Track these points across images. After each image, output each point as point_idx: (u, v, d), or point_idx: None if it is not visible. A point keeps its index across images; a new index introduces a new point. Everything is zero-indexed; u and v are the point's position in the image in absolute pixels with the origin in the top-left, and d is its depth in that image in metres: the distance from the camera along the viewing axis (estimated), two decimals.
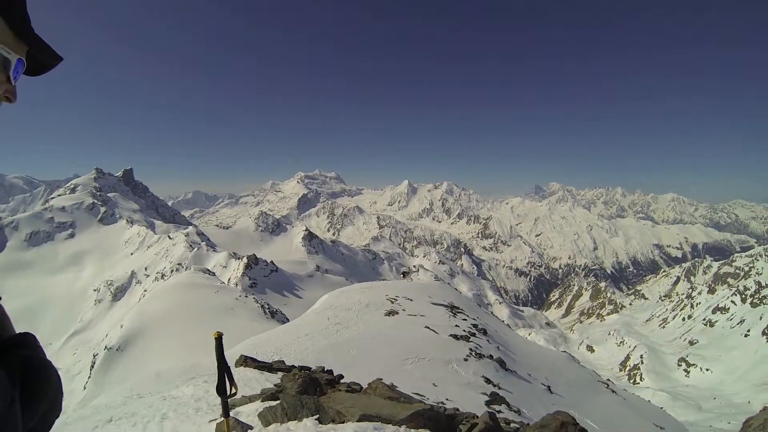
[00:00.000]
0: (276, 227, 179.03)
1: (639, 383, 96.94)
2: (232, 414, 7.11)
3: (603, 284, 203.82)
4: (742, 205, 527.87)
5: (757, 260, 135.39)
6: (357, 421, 5.91)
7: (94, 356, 51.25)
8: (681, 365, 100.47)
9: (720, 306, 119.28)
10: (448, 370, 17.40)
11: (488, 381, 17.08)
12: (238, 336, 26.22)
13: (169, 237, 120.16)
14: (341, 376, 11.47)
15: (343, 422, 6.00)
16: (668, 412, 32.16)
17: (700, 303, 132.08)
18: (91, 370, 47.10)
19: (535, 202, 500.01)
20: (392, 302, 28.70)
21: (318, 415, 6.16)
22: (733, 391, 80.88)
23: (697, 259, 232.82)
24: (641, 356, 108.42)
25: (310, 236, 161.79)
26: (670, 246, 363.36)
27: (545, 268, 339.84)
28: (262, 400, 8.21)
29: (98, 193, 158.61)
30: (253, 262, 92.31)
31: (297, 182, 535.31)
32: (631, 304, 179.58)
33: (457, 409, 9.25)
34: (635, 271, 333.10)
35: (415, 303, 29.55)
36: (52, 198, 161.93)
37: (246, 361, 13.31)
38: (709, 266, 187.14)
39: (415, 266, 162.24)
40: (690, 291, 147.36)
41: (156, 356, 39.30)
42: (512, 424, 9.43)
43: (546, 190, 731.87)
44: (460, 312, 29.58)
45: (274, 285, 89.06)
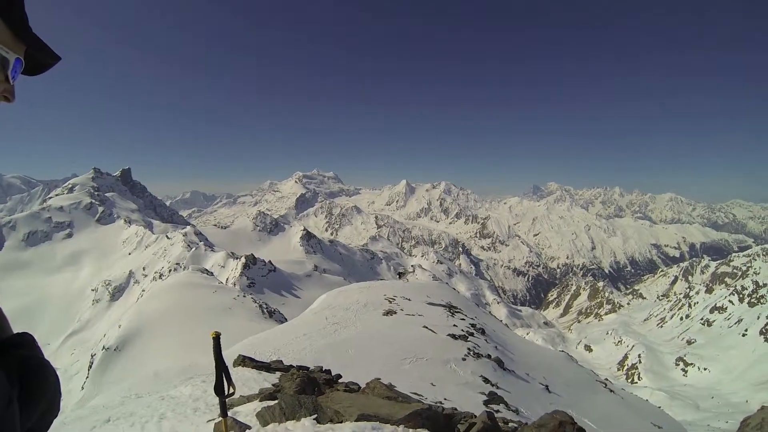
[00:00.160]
0: (274, 227, 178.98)
1: (637, 383, 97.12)
2: (230, 414, 7.10)
3: (601, 284, 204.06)
4: (739, 205, 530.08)
5: (755, 260, 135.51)
6: (355, 421, 5.91)
7: (92, 356, 51.21)
8: (679, 365, 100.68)
9: (718, 305, 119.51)
10: (446, 369, 17.41)
11: (486, 380, 17.09)
12: (236, 336, 26.21)
13: (167, 237, 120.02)
14: (339, 376, 11.47)
15: (341, 422, 6.00)
16: (666, 412, 32.20)
17: (697, 302, 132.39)
18: (89, 370, 47.09)
19: (533, 201, 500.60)
20: (390, 302, 28.71)
21: (316, 414, 6.16)
22: (731, 391, 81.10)
23: (694, 258, 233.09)
24: (639, 356, 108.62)
25: (308, 236, 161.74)
26: (667, 246, 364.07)
27: (543, 268, 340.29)
28: (260, 400, 8.21)
29: (96, 193, 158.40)
30: (251, 261, 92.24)
31: (295, 182, 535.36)
32: (629, 303, 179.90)
33: (456, 409, 9.26)
34: (633, 270, 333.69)
35: (413, 303, 29.56)
36: (50, 198, 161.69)
37: (244, 360, 13.30)
38: (706, 266, 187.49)
39: (412, 266, 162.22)
40: (688, 290, 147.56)
41: (154, 356, 39.28)
42: (510, 424, 9.44)
43: (544, 190, 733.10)
44: (458, 312, 29.60)
45: (272, 285, 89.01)
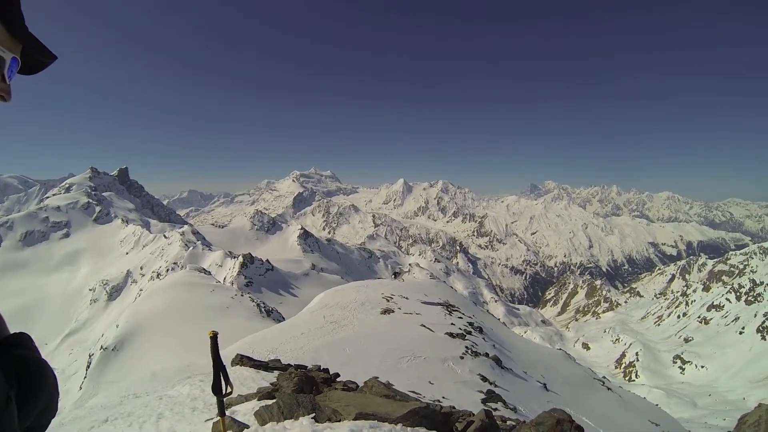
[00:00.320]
0: (271, 226, 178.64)
1: (634, 380, 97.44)
2: (228, 413, 7.10)
3: (598, 282, 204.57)
4: (736, 204, 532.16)
5: (752, 258, 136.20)
6: (353, 420, 5.91)
7: (90, 356, 51.12)
8: (676, 362, 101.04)
9: (715, 303, 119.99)
10: (444, 368, 17.43)
11: (484, 379, 17.12)
12: (234, 335, 26.19)
13: (164, 236, 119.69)
14: (337, 375, 11.46)
15: (339, 421, 6.00)
16: (663, 409, 32.32)
17: (695, 300, 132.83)
18: (87, 370, 47.02)
19: (531, 200, 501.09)
20: (388, 301, 28.71)
21: (314, 413, 6.16)
22: (728, 388, 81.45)
23: (692, 257, 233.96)
24: (637, 353, 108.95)
25: (305, 235, 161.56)
26: (665, 244, 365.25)
27: (541, 266, 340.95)
28: (259, 399, 8.21)
29: (93, 193, 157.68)
30: (249, 260, 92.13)
31: (292, 181, 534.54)
32: (626, 301, 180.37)
33: (453, 407, 9.27)
34: (630, 269, 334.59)
35: (411, 301, 29.59)
36: (47, 197, 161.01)
37: (242, 359, 13.30)
38: (704, 264, 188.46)
39: (410, 264, 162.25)
40: (685, 289, 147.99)
41: (152, 356, 39.20)
42: (508, 422, 9.45)
43: (541, 189, 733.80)
44: (455, 310, 29.64)
45: (269, 284, 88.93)
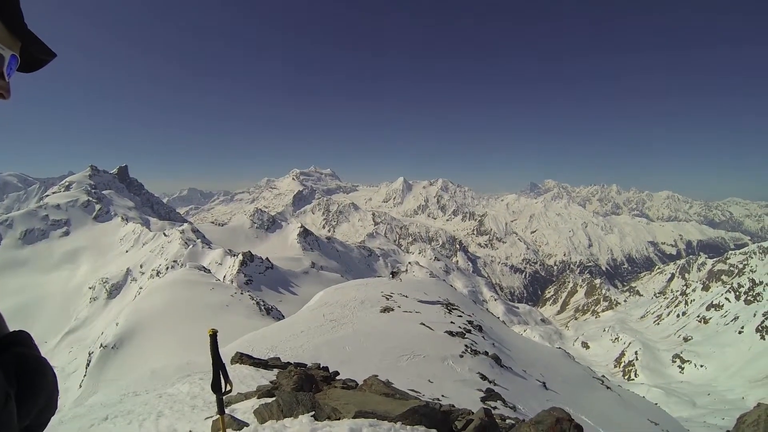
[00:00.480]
0: (271, 224, 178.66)
1: (633, 379, 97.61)
2: (228, 411, 7.11)
3: (598, 281, 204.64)
4: (736, 203, 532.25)
5: (751, 257, 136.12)
6: (353, 418, 5.91)
7: (90, 354, 51.24)
8: (675, 362, 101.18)
9: (714, 303, 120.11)
10: (443, 366, 17.44)
11: (484, 377, 17.13)
12: (233, 333, 26.24)
13: (164, 234, 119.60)
14: (337, 373, 11.47)
15: (338, 419, 6.00)
16: (662, 408, 32.37)
17: (694, 300, 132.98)
18: (87, 368, 47.14)
19: (531, 199, 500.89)
20: (387, 299, 28.72)
21: (314, 411, 6.16)
22: (727, 388, 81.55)
23: (691, 256, 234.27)
24: (636, 353, 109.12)
25: (305, 233, 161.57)
26: (664, 243, 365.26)
27: (540, 265, 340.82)
28: (258, 397, 8.21)
29: (93, 191, 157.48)
30: (249, 259, 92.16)
31: (292, 179, 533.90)
32: (625, 300, 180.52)
33: (453, 406, 9.28)
34: (630, 268, 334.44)
35: (410, 300, 29.60)
36: (47, 196, 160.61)
37: (241, 358, 13.30)
38: (703, 263, 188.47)
39: (409, 263, 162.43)
40: (684, 288, 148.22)
41: (151, 354, 39.26)
42: (508, 420, 9.46)
43: (541, 187, 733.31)
44: (455, 309, 29.66)
45: (269, 282, 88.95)
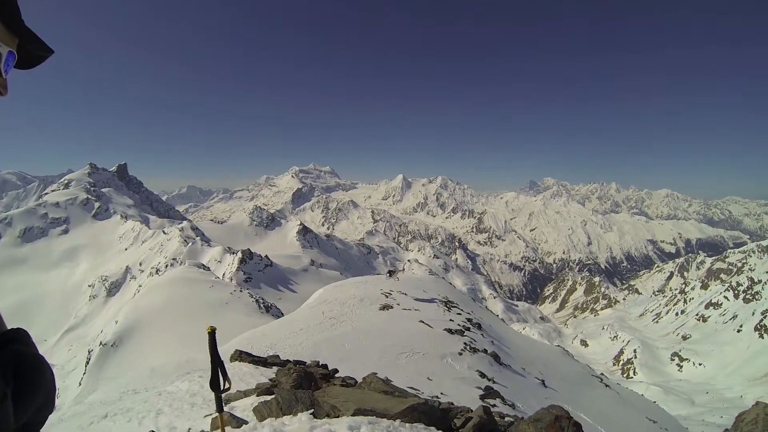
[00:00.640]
0: (270, 222, 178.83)
1: (632, 377, 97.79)
2: (227, 409, 7.11)
3: (597, 279, 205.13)
4: (735, 202, 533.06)
5: (750, 256, 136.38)
6: (352, 416, 5.91)
7: (89, 352, 51.27)
8: (674, 360, 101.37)
9: (713, 301, 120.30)
10: (442, 364, 17.45)
11: (483, 375, 17.15)
12: (232, 331, 26.24)
13: (163, 232, 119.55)
14: (336, 371, 11.48)
15: (337, 416, 6.00)
16: (661, 406, 32.43)
17: (693, 298, 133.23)
18: (86, 366, 47.17)
19: (530, 197, 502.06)
20: (387, 296, 28.72)
21: (313, 409, 6.16)
22: (726, 386, 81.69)
23: (690, 254, 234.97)
24: (635, 351, 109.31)
25: (304, 230, 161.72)
26: (663, 241, 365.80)
27: (539, 263, 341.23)
28: (257, 395, 8.22)
29: (92, 189, 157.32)
30: (248, 256, 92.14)
31: (291, 177, 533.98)
32: (624, 299, 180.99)
33: (452, 403, 9.29)
34: (629, 266, 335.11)
35: (410, 298, 29.60)
36: (46, 194, 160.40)
37: (241, 355, 13.32)
38: (702, 262, 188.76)
39: (408, 261, 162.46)
40: (683, 286, 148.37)
41: (151, 352, 39.29)
42: (507, 418, 9.47)
43: (540, 185, 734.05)
44: (454, 306, 29.67)
45: (268, 279, 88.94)
